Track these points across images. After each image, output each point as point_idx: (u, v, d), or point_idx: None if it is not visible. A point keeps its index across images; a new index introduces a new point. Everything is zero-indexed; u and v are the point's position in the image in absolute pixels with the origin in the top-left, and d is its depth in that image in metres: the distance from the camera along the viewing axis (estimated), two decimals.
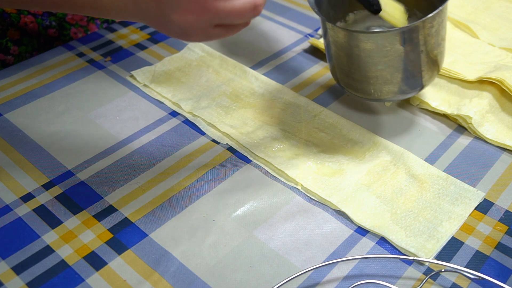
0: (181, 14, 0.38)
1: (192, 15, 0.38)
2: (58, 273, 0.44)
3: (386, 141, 0.56)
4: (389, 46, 0.50)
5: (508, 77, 0.59)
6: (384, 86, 0.53)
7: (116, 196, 0.51)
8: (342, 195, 0.50)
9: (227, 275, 0.44)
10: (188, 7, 0.38)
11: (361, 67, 0.52)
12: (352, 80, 0.55)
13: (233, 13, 0.38)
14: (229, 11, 0.38)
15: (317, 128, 0.58)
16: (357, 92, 0.56)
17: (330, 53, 0.56)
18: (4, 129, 0.58)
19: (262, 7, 0.40)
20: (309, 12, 0.79)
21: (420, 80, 0.54)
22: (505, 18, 0.75)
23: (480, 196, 0.50)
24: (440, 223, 0.48)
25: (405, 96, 0.56)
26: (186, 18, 0.38)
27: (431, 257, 0.45)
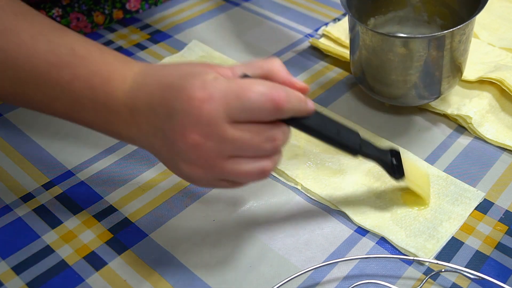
0: (190, 167, 0.38)
1: (200, 170, 0.38)
2: (58, 273, 0.44)
3: (386, 141, 0.56)
4: (422, 51, 0.51)
5: (508, 77, 0.59)
6: (410, 91, 0.55)
7: (116, 196, 0.51)
8: (342, 195, 0.50)
9: (227, 275, 0.44)
10: (197, 163, 0.38)
11: (392, 71, 0.54)
12: (379, 83, 0.56)
13: (241, 176, 0.39)
14: (236, 173, 0.38)
15: None
16: (382, 95, 0.57)
17: (359, 56, 0.56)
18: (4, 129, 0.58)
19: (272, 169, 0.40)
20: (309, 12, 0.79)
21: (440, 87, 0.55)
22: (505, 18, 0.75)
23: (480, 196, 0.50)
24: (440, 223, 0.48)
25: (424, 101, 0.57)
26: (194, 170, 0.39)
27: (431, 257, 0.45)
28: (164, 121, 0.38)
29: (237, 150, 0.38)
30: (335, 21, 0.76)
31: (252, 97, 0.36)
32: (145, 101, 0.39)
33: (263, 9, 0.80)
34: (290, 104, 0.38)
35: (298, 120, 0.40)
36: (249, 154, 0.38)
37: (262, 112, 0.37)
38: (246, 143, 0.37)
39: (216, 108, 0.36)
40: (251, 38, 0.73)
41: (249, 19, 0.77)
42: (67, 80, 0.40)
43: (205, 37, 0.73)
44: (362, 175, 0.52)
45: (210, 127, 0.37)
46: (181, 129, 0.37)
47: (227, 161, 0.38)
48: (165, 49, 0.70)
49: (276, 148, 0.39)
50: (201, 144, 0.37)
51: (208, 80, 0.37)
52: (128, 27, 0.74)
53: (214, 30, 0.75)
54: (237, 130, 0.37)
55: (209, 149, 0.37)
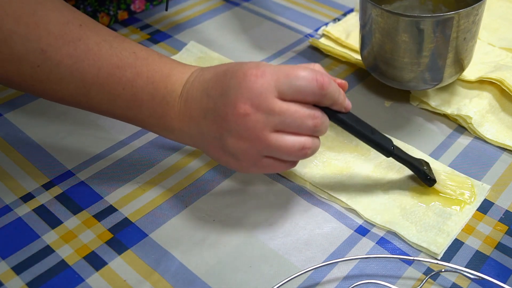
0: (236, 139, 0.41)
1: (245, 142, 0.41)
2: (58, 273, 0.44)
3: (390, 138, 0.56)
4: (438, 32, 0.52)
5: (508, 77, 0.59)
6: (423, 74, 0.56)
7: (116, 196, 0.51)
8: (351, 192, 0.51)
9: (227, 275, 0.44)
10: (243, 134, 0.41)
11: (406, 53, 0.54)
12: (392, 67, 0.57)
13: (282, 148, 0.42)
14: (279, 146, 0.41)
15: None
16: (393, 79, 0.58)
17: (371, 40, 0.57)
18: (4, 129, 0.58)
19: (310, 152, 0.43)
20: (309, 12, 0.79)
21: (456, 69, 0.57)
22: (505, 18, 0.75)
23: (486, 189, 0.51)
24: (449, 217, 0.48)
25: (434, 85, 0.58)
26: (240, 143, 0.42)
27: (442, 251, 0.46)
28: (216, 100, 0.42)
29: (283, 123, 0.41)
30: (335, 21, 0.76)
31: (299, 76, 0.41)
32: (200, 88, 0.43)
33: (263, 9, 0.80)
34: (331, 89, 0.42)
35: (335, 113, 0.44)
36: (292, 129, 0.42)
37: (307, 91, 0.41)
38: (291, 116, 0.41)
39: (267, 82, 0.41)
40: (251, 38, 0.73)
41: (249, 19, 0.77)
42: (129, 78, 0.44)
43: (205, 37, 0.73)
44: (369, 172, 0.53)
45: (261, 99, 0.41)
46: (234, 101, 0.41)
47: (273, 133, 0.41)
48: (165, 49, 0.70)
49: (316, 127, 0.42)
50: (251, 114, 0.41)
51: (261, 63, 0.42)
52: (128, 27, 0.74)
53: (214, 30, 0.75)
54: (284, 104, 0.41)
55: (257, 120, 0.41)
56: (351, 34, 0.71)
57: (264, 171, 0.44)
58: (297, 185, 0.52)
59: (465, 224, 0.48)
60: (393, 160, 0.51)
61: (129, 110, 0.45)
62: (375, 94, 0.63)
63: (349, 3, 0.80)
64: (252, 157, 0.42)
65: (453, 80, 0.59)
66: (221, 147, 0.43)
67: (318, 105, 0.43)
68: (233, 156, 0.43)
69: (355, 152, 0.55)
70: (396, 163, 0.52)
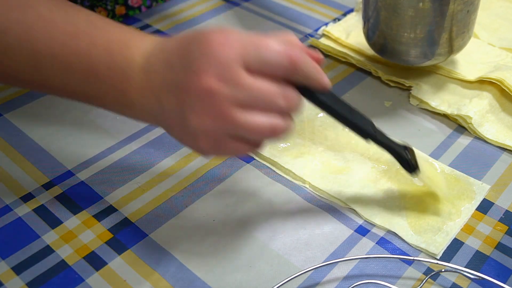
0: (199, 116, 0.37)
1: (209, 120, 0.37)
2: (58, 273, 0.44)
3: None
4: (443, 5, 0.53)
5: (508, 77, 0.59)
6: (430, 48, 0.57)
7: (116, 196, 0.51)
8: (350, 192, 0.50)
9: (227, 275, 0.44)
10: (207, 111, 0.37)
11: (412, 28, 0.56)
12: (398, 44, 0.58)
13: (251, 128, 0.37)
14: (248, 125, 0.37)
15: (321, 126, 0.58)
16: (400, 56, 0.60)
17: (377, 21, 0.58)
18: (4, 129, 0.58)
19: (282, 134, 0.39)
20: (309, 12, 0.79)
21: (462, 41, 0.59)
22: (505, 18, 0.75)
23: (486, 188, 0.51)
24: (448, 216, 0.48)
25: (440, 59, 0.60)
26: (202, 120, 0.37)
27: (441, 251, 0.45)
28: (179, 71, 0.38)
29: (251, 100, 0.37)
30: (335, 21, 0.76)
31: (269, 48, 0.37)
32: (162, 59, 0.39)
33: (263, 9, 0.80)
34: (305, 66, 0.38)
35: (312, 92, 0.40)
36: (262, 106, 0.37)
37: (277, 66, 0.37)
38: (261, 93, 0.37)
39: (234, 52, 0.36)
40: None
41: (249, 19, 0.77)
42: (84, 48, 0.40)
43: None
44: (368, 172, 0.53)
45: (227, 71, 0.36)
46: (197, 72, 0.37)
47: (240, 111, 0.37)
48: None
49: (289, 107, 0.38)
50: (216, 88, 0.36)
51: (227, 29, 0.38)
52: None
53: None
54: (254, 79, 0.37)
55: (223, 95, 0.36)
56: (351, 34, 0.71)
57: (229, 153, 0.40)
58: (297, 185, 0.52)
59: (464, 223, 0.48)
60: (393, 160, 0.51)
61: (85, 85, 0.41)
62: (375, 94, 0.63)
63: (349, 3, 0.80)
64: (216, 137, 0.38)
65: (457, 53, 0.60)
66: (183, 125, 0.38)
67: (291, 81, 0.39)
68: (195, 136, 0.38)
69: (354, 151, 0.55)
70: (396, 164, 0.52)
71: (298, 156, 0.54)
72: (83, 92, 0.42)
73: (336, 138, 0.56)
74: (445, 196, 0.49)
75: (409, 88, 0.63)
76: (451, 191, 0.51)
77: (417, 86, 0.62)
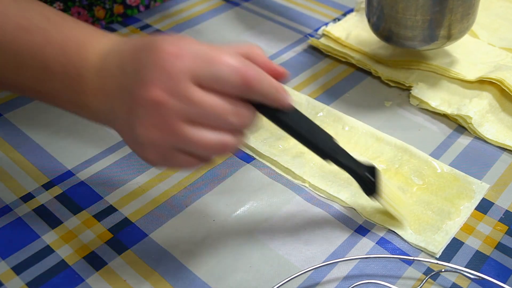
0: (147, 129, 0.36)
1: (158, 133, 0.36)
2: (58, 273, 0.44)
3: (388, 137, 0.56)
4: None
5: (508, 77, 0.59)
6: (435, 31, 0.58)
7: (116, 196, 0.51)
8: (350, 192, 0.51)
9: (227, 275, 0.44)
10: (156, 123, 0.35)
11: (418, 10, 0.56)
12: (404, 27, 0.58)
13: (199, 144, 0.36)
14: (196, 140, 0.36)
15: (321, 126, 0.57)
16: (406, 40, 0.60)
17: (381, 3, 0.59)
18: (4, 129, 0.58)
19: (232, 151, 0.38)
20: (309, 12, 0.79)
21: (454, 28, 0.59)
22: (505, 18, 0.75)
23: (485, 188, 0.51)
24: (447, 215, 0.48)
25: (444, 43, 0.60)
26: (150, 132, 0.36)
27: (440, 250, 0.46)
28: (130, 78, 0.36)
29: (201, 116, 0.36)
30: (335, 21, 0.76)
31: (222, 64, 0.35)
32: (116, 63, 0.38)
33: (263, 9, 0.80)
34: (260, 85, 0.36)
35: (271, 110, 0.38)
36: (213, 123, 0.36)
37: (229, 84, 0.36)
38: (212, 110, 0.35)
39: (185, 65, 0.35)
40: (251, 38, 0.73)
41: (249, 19, 0.77)
42: (38, 44, 0.38)
43: (205, 37, 0.73)
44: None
45: (176, 84, 0.35)
46: (146, 82, 0.35)
47: (189, 126, 0.36)
48: None
49: (241, 125, 0.37)
50: (164, 101, 0.35)
51: (182, 39, 0.36)
52: (128, 27, 0.74)
53: (214, 30, 0.75)
54: (204, 94, 0.35)
55: (171, 109, 0.35)
56: (351, 34, 0.71)
57: (178, 166, 0.39)
58: (297, 185, 0.52)
59: (463, 223, 0.48)
60: (392, 159, 0.51)
61: (38, 83, 0.40)
62: (375, 94, 0.63)
63: (349, 3, 0.80)
64: (163, 150, 0.37)
65: (462, 36, 0.61)
66: (132, 134, 0.37)
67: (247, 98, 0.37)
68: (143, 147, 0.37)
69: (354, 151, 0.55)
70: (395, 163, 0.52)
71: (298, 155, 0.54)
72: (36, 89, 0.40)
73: (336, 137, 0.56)
74: (404, 222, 0.47)
75: (409, 88, 0.63)
76: (451, 190, 0.51)
77: (417, 86, 0.62)
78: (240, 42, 0.71)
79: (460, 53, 0.67)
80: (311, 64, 0.68)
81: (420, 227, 0.47)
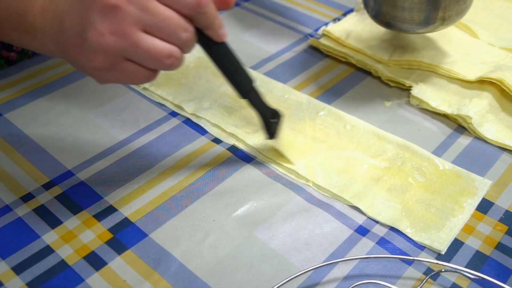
0: (100, 31, 0.37)
1: (110, 35, 0.37)
2: (58, 273, 0.44)
3: (390, 135, 0.56)
4: None
5: (508, 77, 0.59)
6: (432, 12, 0.57)
7: (116, 196, 0.51)
8: (353, 190, 0.51)
9: (227, 275, 0.44)
10: (109, 26, 0.37)
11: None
12: (401, 10, 0.58)
13: (150, 50, 0.38)
14: (147, 47, 0.38)
15: (322, 125, 0.58)
16: (403, 23, 0.60)
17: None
18: (4, 129, 0.58)
19: (176, 64, 0.40)
20: (309, 12, 0.79)
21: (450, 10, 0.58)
22: (505, 18, 0.75)
23: (487, 184, 0.51)
24: (451, 212, 0.49)
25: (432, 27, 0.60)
26: (103, 35, 0.37)
27: (445, 247, 0.46)
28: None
29: (154, 25, 0.38)
30: (335, 21, 0.76)
31: None
32: None
33: (263, 9, 0.80)
34: (208, 10, 0.40)
35: (207, 40, 0.43)
36: (164, 35, 0.39)
37: (184, 2, 0.38)
38: (166, 21, 0.38)
39: None
40: (251, 38, 0.73)
41: (249, 19, 0.77)
42: None
43: None
44: (371, 170, 0.53)
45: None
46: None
47: (141, 33, 0.38)
48: None
49: (187, 42, 0.40)
50: (122, 6, 0.37)
51: None
52: None
53: None
54: (160, 5, 0.38)
55: (128, 14, 0.37)
56: (351, 34, 0.71)
57: (122, 78, 0.40)
58: (297, 185, 0.52)
59: (467, 219, 0.48)
60: (394, 157, 0.51)
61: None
62: (375, 94, 0.63)
63: (349, 3, 0.80)
64: (113, 56, 0.38)
65: (459, 19, 0.60)
66: (81, 43, 0.38)
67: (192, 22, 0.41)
68: (92, 53, 0.38)
69: (356, 150, 0.55)
70: (397, 161, 0.52)
71: (300, 155, 0.54)
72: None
73: (338, 136, 0.56)
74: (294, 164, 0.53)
75: (409, 88, 0.63)
76: (453, 187, 0.51)
77: (417, 86, 0.62)
78: (240, 42, 0.71)
79: (460, 53, 0.67)
80: (311, 64, 0.68)
81: (424, 225, 0.47)
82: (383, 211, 0.49)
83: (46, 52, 0.43)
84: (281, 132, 0.52)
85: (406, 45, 0.68)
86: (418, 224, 0.48)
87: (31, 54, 0.73)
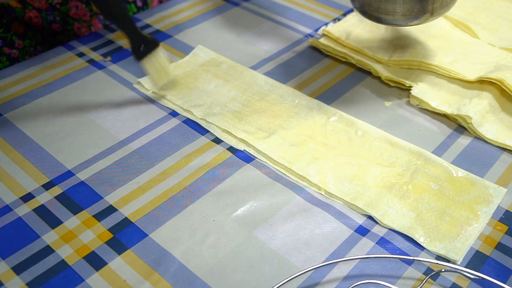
0: None
1: None
2: (58, 273, 0.44)
3: (402, 141, 0.55)
4: None
5: (508, 77, 0.59)
6: (417, 3, 0.56)
7: (116, 196, 0.51)
8: (366, 198, 0.50)
9: (227, 275, 0.44)
10: None
11: None
12: (384, 1, 0.57)
13: None
14: None
15: (333, 131, 0.57)
16: (386, 15, 0.58)
17: None
18: (4, 129, 0.58)
19: None
20: (309, 12, 0.79)
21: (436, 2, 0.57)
22: (505, 18, 0.75)
23: (503, 192, 0.50)
24: (466, 220, 0.48)
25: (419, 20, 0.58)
26: None
27: (461, 257, 0.45)
28: None
29: None
30: (335, 21, 0.76)
31: None
32: None
33: (263, 9, 0.80)
34: None
35: None
36: None
37: None
38: None
39: None
40: (251, 38, 0.73)
41: (249, 19, 0.77)
42: None
43: (205, 37, 0.73)
44: (384, 177, 0.52)
45: None
46: None
47: None
48: (165, 48, 0.70)
49: None
50: None
51: None
52: None
53: (214, 30, 0.75)
54: None
55: None
56: (351, 34, 0.71)
57: None
58: (297, 185, 0.52)
59: (483, 228, 0.47)
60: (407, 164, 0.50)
61: None
62: (375, 94, 0.63)
63: (349, 3, 0.80)
64: None
65: (446, 12, 0.59)
66: None
67: None
68: None
69: (368, 156, 0.54)
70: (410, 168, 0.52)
71: (312, 161, 0.53)
72: None
73: (349, 143, 0.56)
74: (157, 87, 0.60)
75: (409, 88, 0.63)
76: (468, 195, 0.50)
77: (417, 86, 0.62)
78: (240, 42, 0.72)
79: (460, 53, 0.67)
80: (311, 64, 0.68)
81: (438, 234, 0.47)
82: (397, 219, 0.48)
83: None
84: (155, 57, 0.59)
85: (406, 45, 0.68)
86: (432, 233, 0.47)
87: (33, 51, 0.73)
